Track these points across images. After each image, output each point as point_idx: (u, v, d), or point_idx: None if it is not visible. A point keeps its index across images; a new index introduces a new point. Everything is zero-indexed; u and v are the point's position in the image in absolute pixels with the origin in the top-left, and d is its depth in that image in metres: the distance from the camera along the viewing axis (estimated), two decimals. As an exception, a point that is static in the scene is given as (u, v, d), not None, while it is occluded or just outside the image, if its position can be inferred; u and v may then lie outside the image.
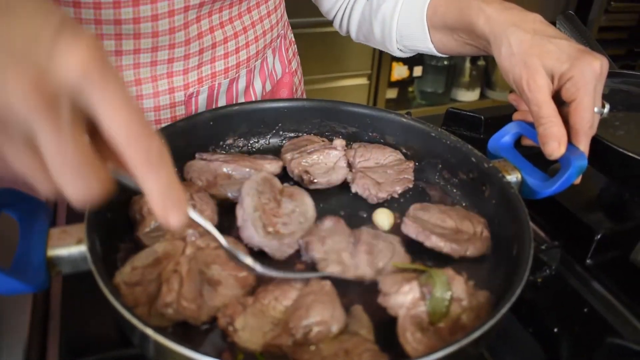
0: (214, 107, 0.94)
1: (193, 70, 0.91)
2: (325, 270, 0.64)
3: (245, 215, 0.67)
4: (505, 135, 0.79)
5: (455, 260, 0.67)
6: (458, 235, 0.68)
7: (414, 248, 0.68)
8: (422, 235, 0.68)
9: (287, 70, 1.13)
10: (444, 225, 0.70)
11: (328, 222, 0.69)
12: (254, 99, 1.03)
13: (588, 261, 0.79)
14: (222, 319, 0.56)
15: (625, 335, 0.67)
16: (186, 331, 0.56)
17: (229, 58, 0.95)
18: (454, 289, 0.58)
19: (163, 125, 0.92)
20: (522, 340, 0.68)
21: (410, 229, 0.69)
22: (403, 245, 0.68)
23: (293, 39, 1.18)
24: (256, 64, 1.01)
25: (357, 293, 0.63)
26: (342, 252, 0.66)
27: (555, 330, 0.66)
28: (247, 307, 0.57)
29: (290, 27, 1.17)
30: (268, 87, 1.08)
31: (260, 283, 0.62)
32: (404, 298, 0.58)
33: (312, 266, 0.66)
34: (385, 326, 0.58)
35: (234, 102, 0.98)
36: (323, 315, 0.55)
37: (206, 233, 0.66)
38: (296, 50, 1.19)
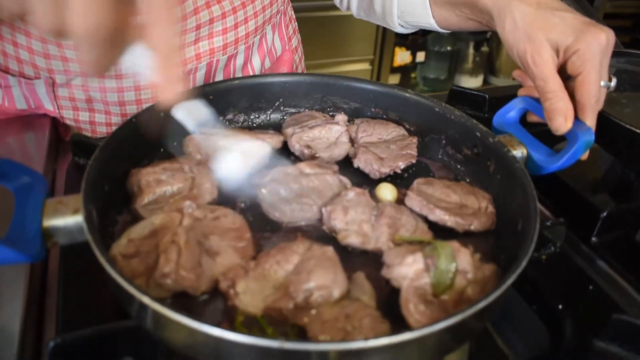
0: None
1: (190, 46, 0.90)
2: (345, 241, 0.63)
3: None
4: (511, 111, 0.77)
5: (461, 235, 0.66)
6: (462, 209, 0.67)
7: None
8: (426, 208, 0.67)
9: (287, 47, 1.12)
10: (449, 200, 0.69)
11: (352, 193, 0.68)
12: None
13: (593, 239, 0.78)
14: (223, 282, 0.55)
15: (630, 312, 0.67)
16: (185, 302, 0.56)
17: (227, 34, 0.93)
18: (459, 262, 0.57)
19: None
20: (526, 317, 0.67)
21: (414, 202, 0.68)
22: (426, 222, 0.67)
23: (293, 16, 1.17)
24: (255, 40, 1.00)
25: (360, 263, 0.62)
26: (363, 224, 0.65)
27: (560, 307, 0.65)
28: (248, 271, 0.57)
29: (290, 4, 1.15)
30: (267, 63, 1.06)
31: (261, 252, 0.61)
32: (408, 269, 0.57)
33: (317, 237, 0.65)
34: (388, 299, 0.57)
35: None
36: (325, 279, 0.54)
37: (204, 205, 0.65)
38: (297, 27, 1.18)
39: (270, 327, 0.53)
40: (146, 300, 0.46)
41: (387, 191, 0.71)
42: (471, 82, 3.23)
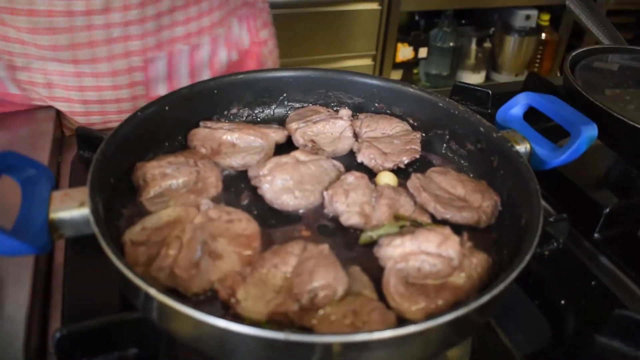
0: (172, 74, 0.96)
1: (151, 35, 0.89)
2: (348, 222, 0.65)
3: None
4: (514, 107, 0.77)
5: (465, 227, 0.66)
6: (456, 202, 0.68)
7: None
8: (417, 190, 0.68)
9: (254, 40, 1.11)
10: (451, 191, 0.69)
11: (351, 177, 0.70)
12: (218, 69, 1.02)
13: (596, 235, 0.78)
14: (222, 291, 0.55)
15: (632, 308, 0.67)
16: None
17: (190, 24, 0.93)
18: (447, 248, 0.58)
19: (121, 91, 0.93)
20: (529, 312, 0.67)
21: (411, 182, 0.70)
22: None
23: (267, 9, 1.16)
24: (220, 32, 1.00)
25: (352, 256, 0.63)
26: (364, 205, 0.66)
27: (562, 302, 0.66)
28: (246, 278, 0.56)
29: None
30: (234, 56, 1.06)
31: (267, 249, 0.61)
32: (393, 251, 0.59)
33: (317, 233, 0.65)
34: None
35: (190, 72, 0.99)
36: (327, 278, 0.54)
37: (222, 205, 0.65)
38: (270, 20, 1.17)
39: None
40: (152, 292, 0.47)
41: (387, 179, 0.72)
42: (473, 78, 3.22)
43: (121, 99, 0.94)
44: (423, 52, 3.08)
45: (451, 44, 3.05)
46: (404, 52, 3.02)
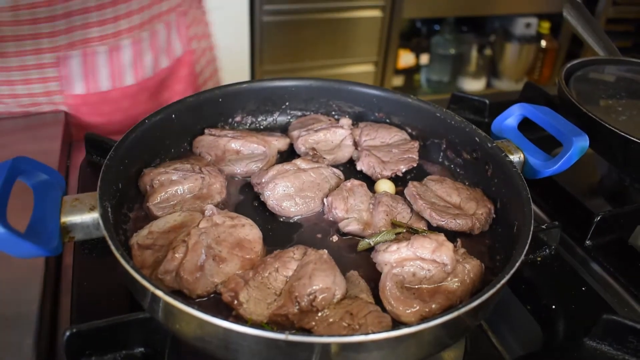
0: (89, 74, 0.98)
1: (61, 34, 0.92)
2: (346, 228, 0.68)
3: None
4: (509, 117, 0.79)
5: (459, 234, 0.68)
6: (451, 210, 0.70)
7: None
8: (413, 198, 0.71)
9: (187, 49, 1.13)
10: (447, 199, 0.72)
11: (351, 184, 0.73)
12: (143, 73, 1.04)
13: (587, 242, 0.80)
14: (225, 293, 0.57)
15: (621, 312, 0.69)
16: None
17: (106, 26, 0.95)
18: (441, 254, 0.61)
19: (33, 86, 0.95)
20: (521, 316, 0.69)
21: (408, 190, 0.73)
22: None
23: (206, 20, 1.18)
24: (143, 35, 1.01)
25: (350, 261, 0.65)
26: (363, 212, 0.69)
27: (553, 307, 0.68)
28: (248, 281, 0.58)
29: (200, 8, 1.16)
30: (164, 62, 1.08)
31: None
32: (390, 256, 0.61)
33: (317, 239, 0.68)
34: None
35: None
36: (325, 282, 0.57)
37: (226, 211, 0.67)
38: (208, 32, 1.19)
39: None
40: (159, 293, 0.49)
41: (386, 187, 0.75)
42: (474, 84, 3.24)
43: (34, 93, 0.97)
44: (424, 59, 3.11)
45: (452, 51, 3.07)
46: (406, 59, 3.04)
